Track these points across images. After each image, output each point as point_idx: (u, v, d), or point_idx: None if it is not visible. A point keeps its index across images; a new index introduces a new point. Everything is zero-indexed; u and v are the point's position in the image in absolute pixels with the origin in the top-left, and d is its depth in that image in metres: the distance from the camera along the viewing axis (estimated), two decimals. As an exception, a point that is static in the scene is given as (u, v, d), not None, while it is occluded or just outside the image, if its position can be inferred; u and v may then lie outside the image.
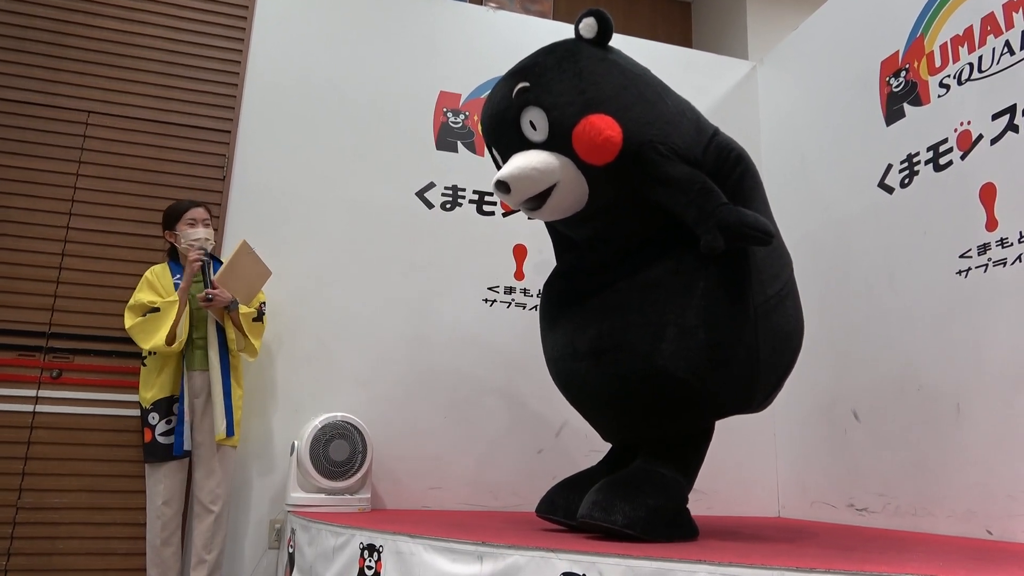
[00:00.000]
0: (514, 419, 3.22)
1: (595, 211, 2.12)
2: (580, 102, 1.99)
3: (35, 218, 2.90)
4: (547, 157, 2.01)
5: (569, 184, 2.04)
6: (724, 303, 1.96)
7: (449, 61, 3.54)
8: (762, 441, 3.48)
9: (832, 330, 3.12)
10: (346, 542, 2.05)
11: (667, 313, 1.95)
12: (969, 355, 2.48)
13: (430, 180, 3.38)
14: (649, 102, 2.08)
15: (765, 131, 3.85)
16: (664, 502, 1.94)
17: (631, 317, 2.00)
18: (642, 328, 1.97)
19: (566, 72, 2.04)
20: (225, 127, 3.20)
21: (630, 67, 2.15)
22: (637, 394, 2.02)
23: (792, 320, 2.12)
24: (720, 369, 1.95)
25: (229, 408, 2.62)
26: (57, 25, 3.08)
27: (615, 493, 1.91)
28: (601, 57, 2.10)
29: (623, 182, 2.04)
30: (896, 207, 2.85)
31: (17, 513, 2.67)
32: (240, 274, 2.68)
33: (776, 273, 2.08)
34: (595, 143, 1.95)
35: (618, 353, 2.00)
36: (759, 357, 1.99)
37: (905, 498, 2.67)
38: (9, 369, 2.76)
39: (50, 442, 2.75)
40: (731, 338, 1.95)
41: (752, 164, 2.14)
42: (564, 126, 1.98)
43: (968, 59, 2.61)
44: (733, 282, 1.97)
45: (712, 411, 2.11)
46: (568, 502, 2.12)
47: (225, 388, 2.62)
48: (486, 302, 3.33)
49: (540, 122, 2.03)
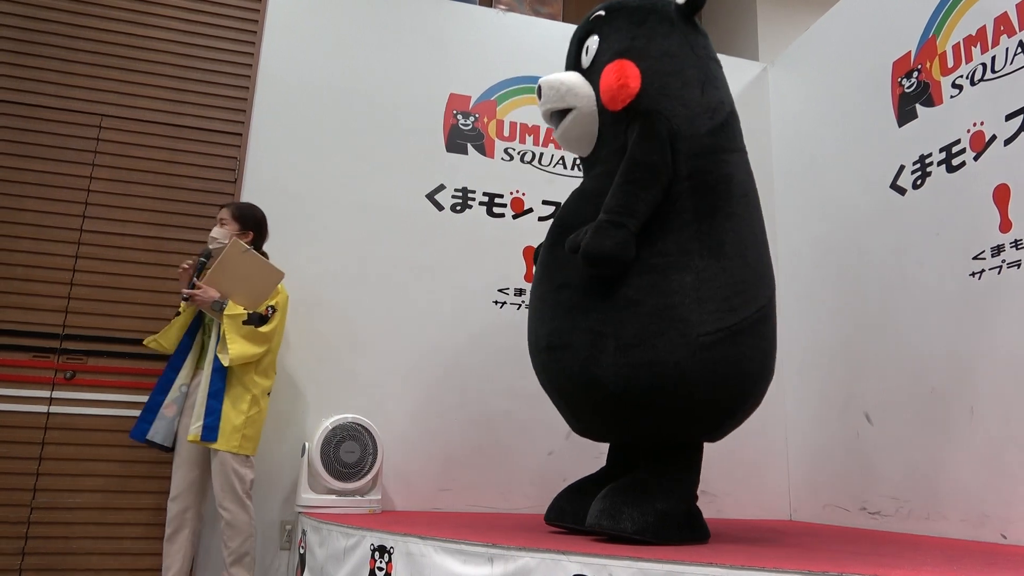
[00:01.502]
0: (524, 421, 3.22)
1: (596, 161, 2.23)
2: (624, 47, 2.13)
3: (49, 220, 2.92)
4: (578, 81, 2.18)
5: (583, 115, 2.19)
6: (665, 325, 1.90)
7: (459, 63, 3.55)
8: (774, 443, 3.46)
9: (844, 332, 3.11)
10: (357, 543, 2.06)
11: (608, 324, 1.95)
12: (983, 357, 2.46)
13: (440, 182, 3.39)
14: (684, 81, 2.12)
15: (776, 133, 3.84)
16: (673, 505, 1.93)
17: (577, 320, 2.01)
18: (585, 334, 1.98)
19: (633, 19, 2.19)
20: (237, 130, 3.22)
21: (692, 44, 2.20)
22: (579, 396, 2.05)
23: (747, 360, 1.98)
24: (655, 391, 1.91)
25: (212, 411, 2.54)
26: (70, 30, 3.11)
27: (622, 499, 1.89)
28: (672, 21, 2.20)
29: (622, 139, 2.10)
30: (909, 208, 2.84)
31: (32, 513, 2.69)
32: (235, 275, 2.59)
33: (734, 307, 1.95)
34: (612, 85, 2.09)
35: (564, 352, 2.03)
36: (698, 388, 1.91)
37: (918, 501, 2.65)
38: (23, 370, 2.79)
39: (64, 443, 2.77)
40: (667, 362, 1.88)
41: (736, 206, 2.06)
42: (601, 60, 2.15)
43: (981, 59, 2.60)
44: (677, 306, 1.90)
45: (650, 430, 2.02)
46: (577, 508, 2.11)
47: (212, 390, 2.56)
48: (496, 304, 3.34)
49: (592, 49, 2.21)
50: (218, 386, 2.57)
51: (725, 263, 1.97)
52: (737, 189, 2.09)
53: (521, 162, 3.52)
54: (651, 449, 2.09)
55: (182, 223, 3.04)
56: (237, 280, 2.61)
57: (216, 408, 2.56)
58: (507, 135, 3.54)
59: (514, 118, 3.57)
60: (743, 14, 4.81)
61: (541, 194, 3.50)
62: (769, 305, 2.08)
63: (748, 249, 2.04)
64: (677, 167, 2.02)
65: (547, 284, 2.15)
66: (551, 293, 2.12)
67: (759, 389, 2.08)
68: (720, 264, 1.97)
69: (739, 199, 2.08)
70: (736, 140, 2.20)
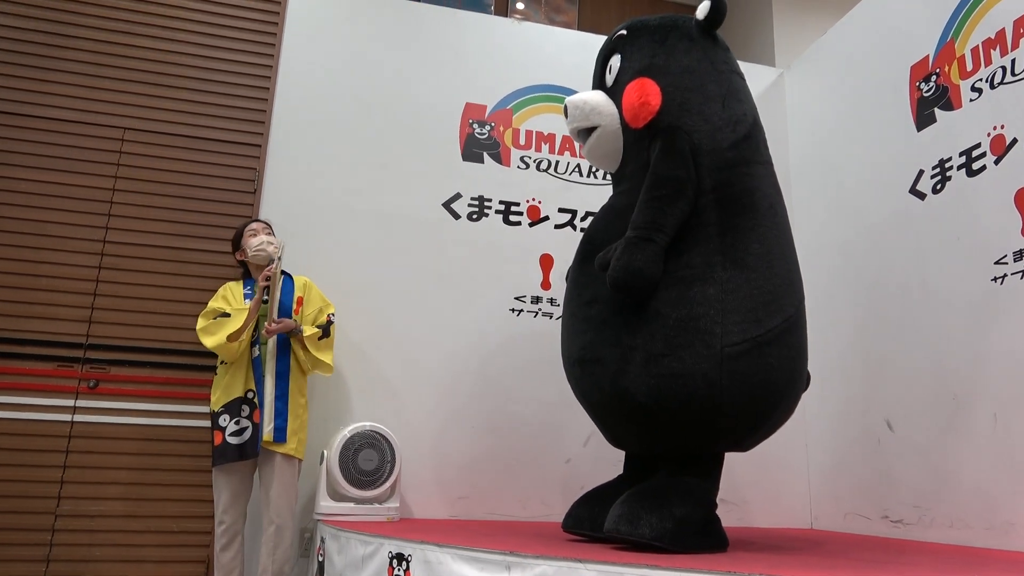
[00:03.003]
0: (542, 429, 3.22)
1: (622, 178, 2.27)
2: (644, 65, 2.17)
3: (73, 232, 2.98)
4: (602, 100, 2.22)
5: (607, 133, 2.23)
6: (691, 337, 1.92)
7: (475, 73, 3.57)
8: (794, 450, 3.43)
9: (865, 338, 3.08)
10: (375, 551, 2.06)
11: (636, 337, 1.97)
12: (1006, 363, 2.43)
13: (456, 191, 3.41)
14: (705, 96, 2.14)
15: (793, 138, 3.82)
16: (691, 511, 1.92)
17: (607, 334, 2.05)
18: (614, 347, 2.01)
19: (655, 37, 2.22)
20: (256, 141, 3.26)
21: (713, 59, 2.22)
22: (611, 408, 2.09)
23: (775, 370, 1.98)
24: (683, 403, 1.92)
25: (280, 413, 2.60)
26: (93, 45, 3.17)
27: (641, 504, 1.89)
28: (692, 37, 2.22)
29: (645, 156, 2.14)
30: (929, 213, 2.81)
31: (56, 521, 2.73)
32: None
33: (759, 318, 1.95)
34: (633, 103, 2.13)
35: (596, 365, 2.07)
36: (724, 400, 1.92)
37: (941, 509, 2.62)
38: (48, 379, 2.84)
39: (88, 451, 2.81)
40: (694, 373, 1.90)
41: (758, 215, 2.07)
42: (623, 79, 2.18)
43: (1000, 62, 2.57)
44: (701, 318, 1.92)
45: (680, 441, 2.02)
46: (594, 515, 2.11)
47: (279, 392, 2.63)
48: (513, 312, 3.34)
49: (615, 68, 2.24)
50: (283, 389, 2.65)
51: (750, 275, 1.97)
52: (762, 201, 2.09)
53: (537, 170, 3.53)
54: (671, 456, 2.09)
55: (203, 234, 3.09)
56: None
57: (283, 411, 2.62)
58: (523, 143, 3.55)
59: (530, 126, 3.58)
60: (759, 19, 4.79)
61: (557, 202, 3.51)
62: (797, 315, 2.07)
63: (775, 260, 2.03)
64: (701, 181, 2.05)
65: (577, 300, 2.20)
66: (582, 308, 2.16)
67: (788, 399, 2.07)
68: (744, 276, 1.97)
69: (765, 211, 2.08)
70: (760, 152, 2.21)
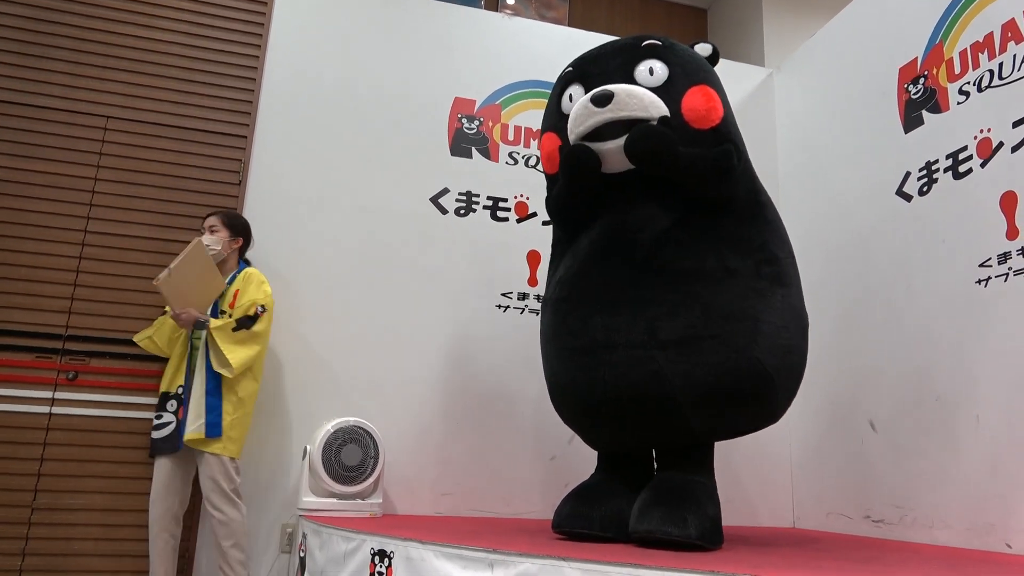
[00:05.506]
0: (527, 425, 3.21)
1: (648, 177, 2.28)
2: (702, 75, 2.24)
3: (53, 222, 2.93)
4: (656, 97, 2.18)
5: None
6: (795, 313, 2.18)
7: (464, 67, 3.55)
8: (778, 450, 3.45)
9: (849, 339, 3.09)
10: (357, 547, 2.05)
11: (760, 312, 2.07)
12: (988, 365, 2.44)
13: (444, 186, 3.39)
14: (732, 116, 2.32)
15: (782, 138, 3.83)
16: (718, 510, 2.04)
17: (727, 310, 2.06)
18: (740, 321, 2.04)
19: (693, 55, 2.32)
20: (241, 132, 3.22)
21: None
22: (720, 385, 2.01)
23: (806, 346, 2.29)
24: (789, 372, 2.14)
25: (212, 408, 2.56)
26: (76, 31, 3.12)
27: (681, 505, 1.92)
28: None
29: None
30: (915, 215, 2.82)
31: (33, 514, 2.69)
32: (192, 275, 2.57)
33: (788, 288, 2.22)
34: (701, 106, 2.16)
35: (713, 342, 2.02)
36: (804, 367, 2.23)
37: (922, 510, 2.64)
38: (26, 371, 2.79)
39: (66, 443, 2.77)
40: (798, 346, 2.17)
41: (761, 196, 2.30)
42: (681, 83, 2.19)
43: (988, 66, 2.58)
44: (798, 296, 2.22)
45: (770, 412, 2.18)
46: (602, 514, 2.08)
47: (210, 387, 2.59)
48: (499, 308, 3.33)
49: (660, 72, 2.21)
50: (214, 384, 2.60)
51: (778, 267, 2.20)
52: (770, 206, 2.31)
53: (525, 166, 3.52)
54: (670, 451, 2.16)
55: (186, 225, 3.04)
56: (192, 281, 2.59)
57: (216, 405, 2.57)
58: (512, 139, 3.54)
59: (519, 122, 3.56)
60: (749, 19, 4.80)
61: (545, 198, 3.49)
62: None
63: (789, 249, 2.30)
64: (736, 188, 2.19)
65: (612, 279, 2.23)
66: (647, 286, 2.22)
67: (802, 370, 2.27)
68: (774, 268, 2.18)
69: (773, 212, 2.31)
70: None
